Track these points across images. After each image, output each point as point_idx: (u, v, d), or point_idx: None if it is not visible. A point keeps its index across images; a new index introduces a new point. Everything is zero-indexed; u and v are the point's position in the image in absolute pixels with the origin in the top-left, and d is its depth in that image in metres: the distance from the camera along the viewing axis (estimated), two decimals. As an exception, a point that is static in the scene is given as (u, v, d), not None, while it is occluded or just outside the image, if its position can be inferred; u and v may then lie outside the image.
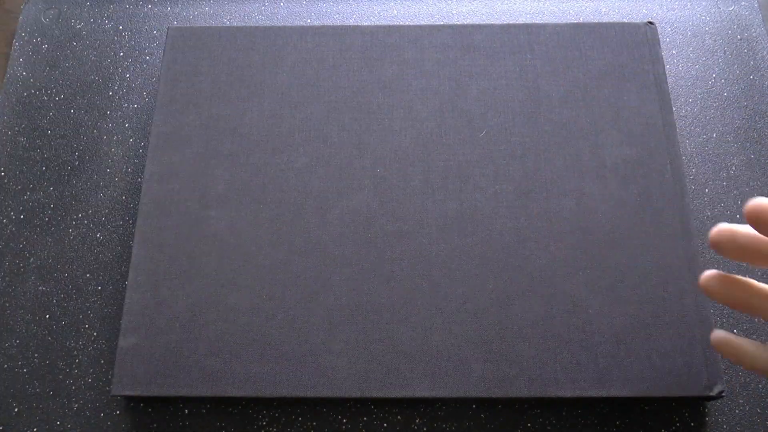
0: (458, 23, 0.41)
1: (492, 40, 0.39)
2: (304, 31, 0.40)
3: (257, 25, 0.43)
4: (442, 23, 0.41)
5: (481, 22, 0.43)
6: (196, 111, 0.37)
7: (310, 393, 0.31)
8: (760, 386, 0.34)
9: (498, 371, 0.32)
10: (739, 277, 0.27)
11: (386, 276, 0.33)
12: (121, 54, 0.44)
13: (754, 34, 0.43)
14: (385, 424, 0.34)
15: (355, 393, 0.31)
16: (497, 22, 0.43)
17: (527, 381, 0.31)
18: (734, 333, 0.33)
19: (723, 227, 0.26)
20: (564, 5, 0.45)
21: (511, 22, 0.41)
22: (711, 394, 0.31)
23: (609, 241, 0.34)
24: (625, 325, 0.32)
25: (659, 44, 0.39)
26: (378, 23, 0.44)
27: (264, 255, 0.34)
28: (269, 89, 0.38)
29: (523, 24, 0.40)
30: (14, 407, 0.35)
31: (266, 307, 0.33)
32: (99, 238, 0.38)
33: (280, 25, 0.43)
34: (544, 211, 0.35)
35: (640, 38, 0.39)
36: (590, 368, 0.32)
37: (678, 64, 0.42)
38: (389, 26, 0.40)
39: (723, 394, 0.31)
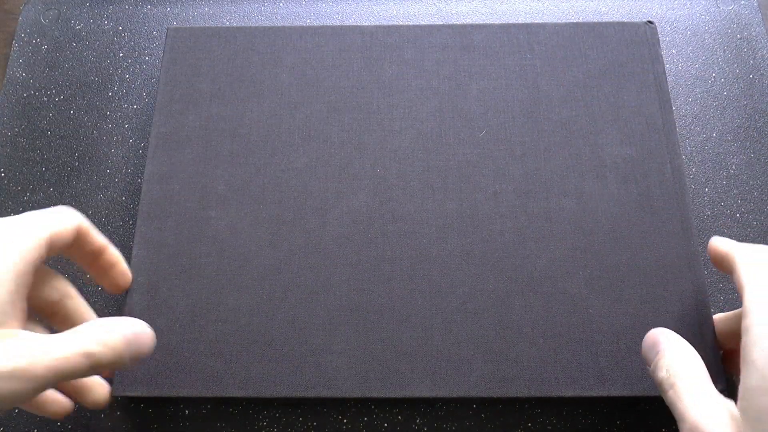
0: (458, 23, 0.41)
1: (492, 40, 0.39)
2: (303, 31, 0.40)
3: (257, 25, 0.43)
4: (441, 23, 0.41)
5: (481, 22, 0.43)
6: (196, 111, 0.37)
7: (310, 393, 0.31)
8: (761, 385, 0.34)
9: (498, 371, 0.32)
10: None
11: (386, 276, 0.33)
12: (121, 55, 0.44)
13: (753, 33, 0.43)
14: (385, 424, 0.34)
15: (356, 393, 0.31)
16: (497, 21, 0.43)
17: (527, 381, 0.31)
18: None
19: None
20: (564, 5, 0.45)
21: (510, 22, 0.41)
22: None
23: (609, 240, 0.34)
24: (626, 325, 0.32)
25: (659, 43, 0.39)
26: (378, 23, 0.44)
27: (264, 255, 0.34)
28: (269, 89, 0.38)
29: (522, 24, 0.40)
30: (15, 408, 0.35)
31: (266, 308, 0.33)
32: (99, 238, 0.38)
33: (279, 25, 0.43)
34: (544, 211, 0.35)
35: (640, 37, 0.39)
36: (591, 368, 0.32)
37: (678, 63, 0.42)
38: (389, 26, 0.40)
39: (723, 393, 0.31)
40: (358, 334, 0.32)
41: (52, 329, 0.29)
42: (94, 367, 0.25)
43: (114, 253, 0.31)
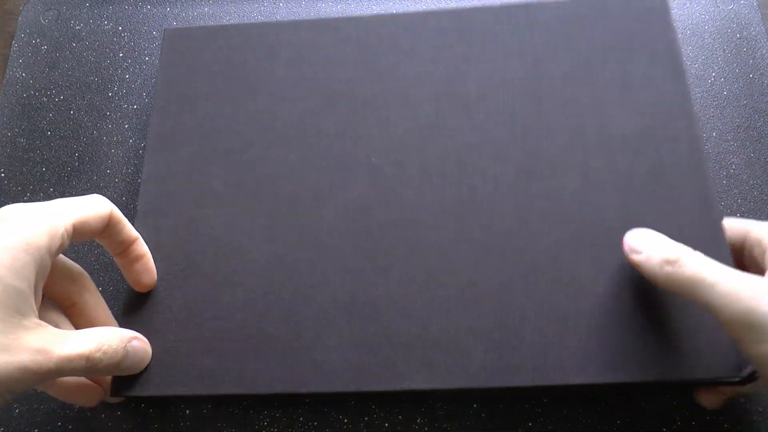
0: (454, 7, 0.40)
1: (489, 22, 0.38)
2: (298, 26, 0.39)
3: (252, 21, 0.43)
4: (437, 8, 0.40)
5: (478, 5, 0.41)
6: (193, 111, 0.37)
7: (305, 389, 0.31)
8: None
9: (499, 360, 0.30)
10: None
11: (383, 267, 0.33)
12: (121, 55, 0.44)
13: (753, 33, 0.43)
14: (386, 424, 0.34)
15: (351, 387, 0.31)
16: (495, 3, 0.41)
17: (531, 369, 0.30)
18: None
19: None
20: None
21: (509, 2, 0.39)
22: (741, 376, 0.28)
23: (619, 217, 0.32)
24: (639, 306, 0.30)
25: (669, 11, 0.37)
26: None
27: (260, 251, 0.34)
28: (264, 85, 0.38)
29: (522, 4, 0.38)
30: (15, 408, 0.35)
31: (261, 303, 0.33)
32: (99, 238, 0.38)
33: (274, 20, 0.43)
34: (547, 191, 0.33)
35: (648, 5, 0.37)
36: (599, 353, 0.30)
37: (677, 63, 0.42)
38: (384, 15, 0.39)
39: (758, 375, 0.28)
40: (353, 327, 0.32)
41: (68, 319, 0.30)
42: (91, 370, 0.27)
43: (143, 246, 0.32)
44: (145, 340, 0.31)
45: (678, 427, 0.33)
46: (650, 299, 0.31)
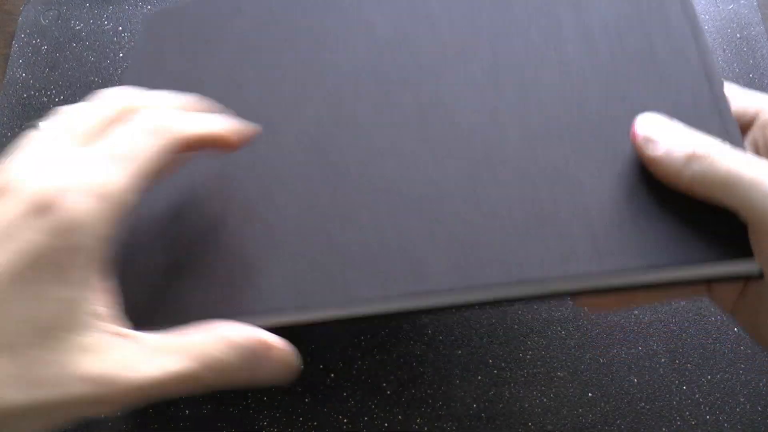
0: None
1: None
2: None
3: None
4: None
5: None
6: (163, 83, 0.37)
7: (245, 319, 0.27)
8: (761, 384, 0.34)
9: (465, 260, 0.26)
10: None
11: (332, 183, 0.30)
12: (121, 55, 0.44)
13: (753, 33, 0.43)
14: (386, 424, 0.34)
15: (293, 318, 0.28)
16: None
17: (504, 264, 0.26)
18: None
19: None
20: None
21: None
22: (754, 271, 0.24)
23: (604, 105, 0.29)
24: (627, 186, 0.26)
25: None
26: None
27: (215, 191, 0.32)
28: (228, 44, 0.37)
29: None
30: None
31: (210, 239, 0.31)
32: (99, 238, 0.38)
33: None
34: (520, 87, 0.30)
35: None
36: (583, 239, 0.26)
37: (677, 63, 0.42)
38: None
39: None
40: (299, 247, 0.29)
41: None
42: (197, 389, 0.22)
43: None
44: (278, 344, 0.24)
45: (678, 427, 0.33)
46: (645, 179, 0.27)
